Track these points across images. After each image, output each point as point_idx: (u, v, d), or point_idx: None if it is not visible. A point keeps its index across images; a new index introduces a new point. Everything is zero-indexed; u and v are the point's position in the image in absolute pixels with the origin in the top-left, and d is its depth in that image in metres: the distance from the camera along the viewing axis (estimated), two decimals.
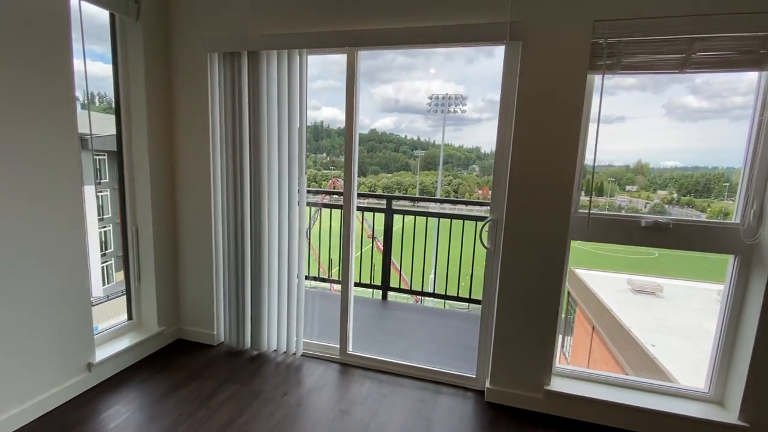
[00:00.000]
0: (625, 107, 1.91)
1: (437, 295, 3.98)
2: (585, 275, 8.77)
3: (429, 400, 2.30)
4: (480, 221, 3.59)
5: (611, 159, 2.07)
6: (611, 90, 2.01)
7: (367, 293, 4.89)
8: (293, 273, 2.64)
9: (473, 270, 3.94)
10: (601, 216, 2.12)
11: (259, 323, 2.67)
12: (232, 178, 2.57)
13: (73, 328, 2.17)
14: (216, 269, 2.76)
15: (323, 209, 3.98)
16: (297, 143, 2.50)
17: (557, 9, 1.95)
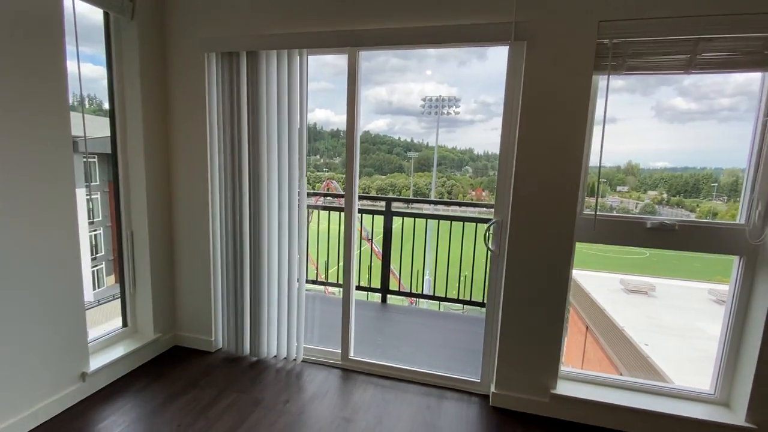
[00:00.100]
0: (616, 109, 1.94)
1: (437, 298, 3.94)
2: (578, 275, 8.81)
3: (434, 406, 2.26)
4: (480, 223, 3.64)
5: (603, 160, 2.10)
6: (601, 93, 2.03)
7: (364, 296, 4.84)
8: (293, 277, 2.58)
9: (471, 271, 3.92)
10: (607, 217, 2.11)
11: (259, 329, 2.61)
12: (230, 180, 2.52)
13: (67, 336, 2.10)
14: (214, 273, 2.70)
15: (318, 211, 3.92)
16: (297, 145, 2.45)
17: (562, 9, 1.94)
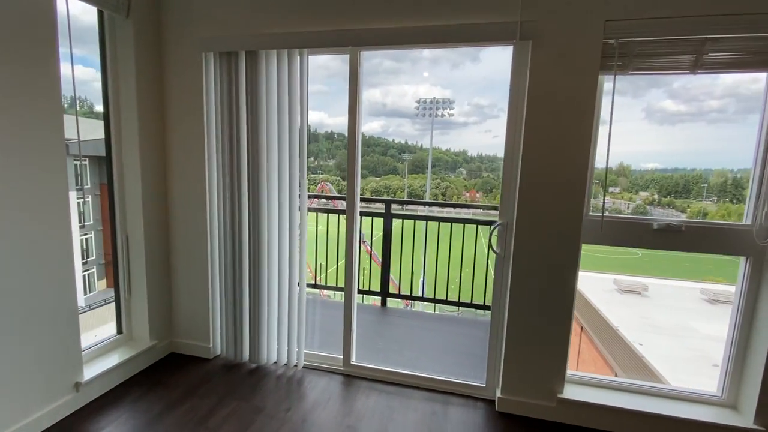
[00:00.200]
0: (606, 111, 1.94)
1: (437, 300, 3.91)
2: None
3: (439, 412, 2.22)
4: (481, 225, 3.62)
5: (596, 162, 2.10)
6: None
7: (359, 299, 4.77)
8: (294, 280, 2.53)
9: (473, 273, 3.88)
10: (613, 219, 2.08)
11: (258, 334, 2.54)
12: (228, 182, 2.46)
13: (59, 344, 2.02)
14: (212, 278, 2.63)
15: (317, 214, 3.86)
16: (297, 146, 2.40)
17: (568, 8, 1.91)
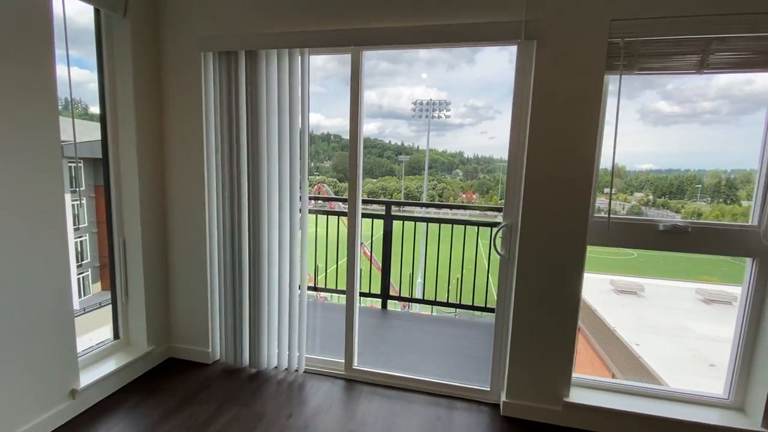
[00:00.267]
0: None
1: (439, 303, 3.88)
2: None
3: (443, 416, 2.18)
4: (480, 226, 3.59)
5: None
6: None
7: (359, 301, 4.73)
8: (294, 283, 2.49)
9: (474, 275, 3.85)
10: (619, 220, 2.06)
11: (259, 338, 2.50)
12: (228, 184, 2.42)
13: (55, 350, 1.97)
14: (211, 281, 2.59)
15: (316, 216, 3.83)
16: (298, 148, 2.37)
17: (573, 7, 1.89)
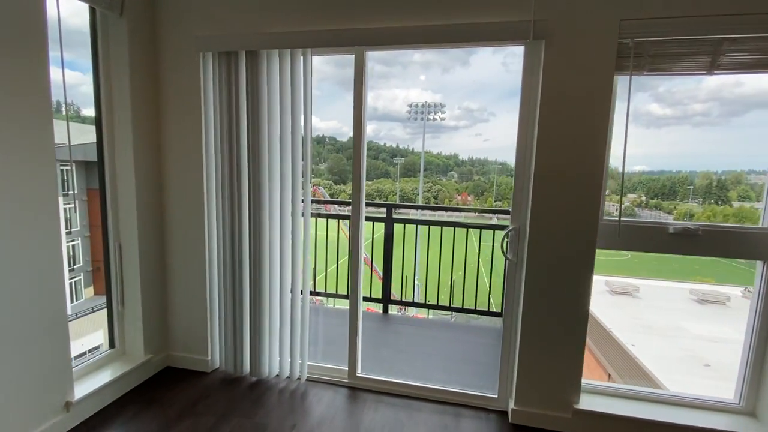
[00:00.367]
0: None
1: (441, 307, 3.83)
2: None
3: (450, 425, 2.13)
4: (481, 229, 3.54)
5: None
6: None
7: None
8: (296, 288, 2.42)
9: (476, 278, 3.80)
10: (629, 223, 2.03)
11: (260, 346, 2.43)
12: (228, 187, 2.35)
13: (48, 360, 1.89)
14: (210, 287, 2.51)
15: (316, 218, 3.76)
16: (300, 151, 2.31)
17: (582, 7, 1.86)
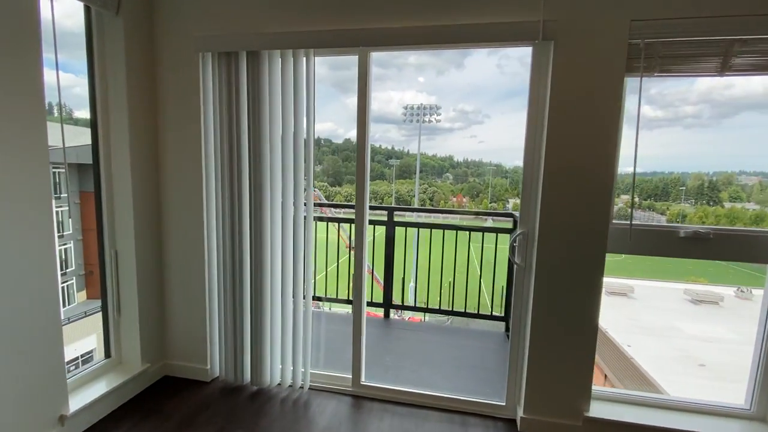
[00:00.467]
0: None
1: (443, 311, 3.78)
2: None
3: None
4: (484, 232, 3.51)
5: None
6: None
7: (348, 309, 4.58)
8: (299, 294, 2.36)
9: (482, 281, 3.77)
10: (639, 227, 2.00)
11: (261, 354, 2.36)
12: (228, 190, 2.29)
13: (42, 373, 1.81)
14: (209, 294, 2.44)
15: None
16: (303, 153, 2.25)
17: (592, 7, 1.83)
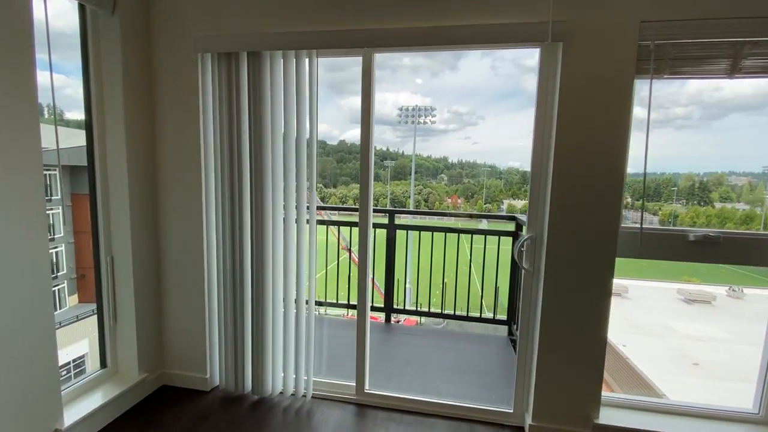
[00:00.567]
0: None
1: (444, 315, 3.74)
2: None
3: None
4: (486, 235, 3.47)
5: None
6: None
7: (344, 312, 4.53)
8: (301, 300, 2.31)
9: (484, 282, 3.74)
10: (648, 231, 1.97)
11: (262, 361, 2.30)
12: (228, 194, 2.23)
13: (35, 385, 1.74)
14: (209, 300, 2.38)
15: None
16: (305, 156, 2.20)
17: (601, 8, 1.80)
